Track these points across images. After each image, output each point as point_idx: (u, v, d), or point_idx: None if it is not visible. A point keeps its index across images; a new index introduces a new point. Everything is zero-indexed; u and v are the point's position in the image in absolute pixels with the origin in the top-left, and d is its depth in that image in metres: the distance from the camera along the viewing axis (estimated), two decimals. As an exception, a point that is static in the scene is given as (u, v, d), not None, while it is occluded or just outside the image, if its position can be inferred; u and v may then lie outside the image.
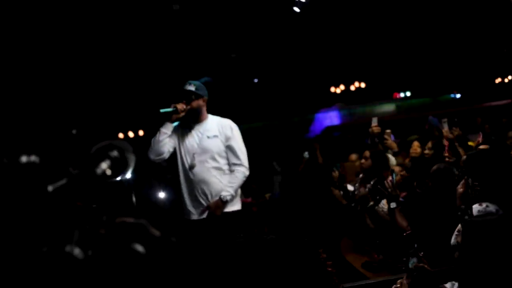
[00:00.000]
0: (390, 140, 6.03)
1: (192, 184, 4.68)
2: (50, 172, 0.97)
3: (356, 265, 5.07)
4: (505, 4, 10.34)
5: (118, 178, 1.09)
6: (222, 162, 4.74)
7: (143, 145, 4.93)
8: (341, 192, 6.86)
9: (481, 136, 6.11)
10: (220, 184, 4.66)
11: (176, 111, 4.68)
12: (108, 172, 1.02)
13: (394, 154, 6.36)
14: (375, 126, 6.10)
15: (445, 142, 5.95)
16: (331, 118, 18.58)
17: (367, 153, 6.24)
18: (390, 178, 4.59)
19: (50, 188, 0.94)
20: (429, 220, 4.19)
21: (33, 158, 0.94)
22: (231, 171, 4.77)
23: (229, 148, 4.74)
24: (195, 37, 12.41)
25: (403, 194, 5.10)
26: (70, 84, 10.70)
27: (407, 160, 6.46)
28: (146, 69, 13.14)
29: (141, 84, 13.67)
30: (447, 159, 5.60)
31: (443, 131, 6.02)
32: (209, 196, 4.64)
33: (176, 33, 11.97)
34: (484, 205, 3.37)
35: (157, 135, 4.69)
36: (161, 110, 4.66)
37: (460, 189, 3.49)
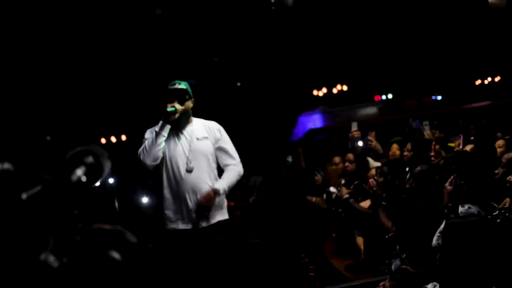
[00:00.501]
0: (375, 141, 6.03)
1: (182, 190, 4.39)
2: (24, 179, 0.95)
3: (339, 268, 5.08)
4: (484, 7, 10.45)
5: (98, 184, 1.08)
6: (214, 166, 4.58)
7: (126, 150, 4.83)
8: (324, 196, 6.87)
9: (461, 139, 6.15)
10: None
11: (174, 112, 4.46)
12: (83, 178, 1.00)
13: (378, 156, 6.37)
14: (355, 131, 6.09)
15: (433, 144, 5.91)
16: (314, 121, 18.63)
17: (350, 156, 6.25)
18: (373, 177, 4.60)
19: (24, 195, 0.92)
20: (412, 221, 4.20)
21: (6, 165, 0.93)
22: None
23: (221, 150, 4.59)
24: (176, 41, 12.36)
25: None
26: (47, 88, 10.55)
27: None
28: (127, 73, 13.06)
29: (123, 88, 13.58)
30: (433, 159, 5.59)
31: (425, 133, 6.03)
32: (195, 203, 4.38)
33: (157, 37, 11.92)
34: (466, 206, 3.41)
35: (156, 138, 4.39)
36: (168, 109, 4.44)
37: (448, 186, 3.51)
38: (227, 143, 4.65)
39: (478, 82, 23.03)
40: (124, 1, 10.47)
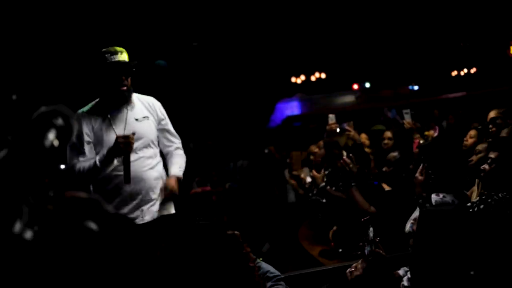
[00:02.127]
0: (353, 131, 5.96)
1: (120, 183, 3.47)
2: None
3: (313, 253, 5.12)
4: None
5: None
6: (156, 151, 3.72)
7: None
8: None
9: (437, 130, 6.18)
10: (153, 181, 3.61)
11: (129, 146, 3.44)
12: (56, 143, 0.91)
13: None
14: (333, 124, 5.92)
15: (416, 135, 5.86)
16: (291, 108, 18.68)
17: (321, 143, 6.22)
18: (345, 157, 4.54)
19: None
20: (384, 207, 4.23)
21: None
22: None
23: (165, 131, 3.77)
24: (156, 26, 12.25)
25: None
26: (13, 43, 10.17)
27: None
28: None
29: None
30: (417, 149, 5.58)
31: (405, 122, 5.96)
32: (141, 196, 3.54)
33: (134, 21, 11.79)
34: (441, 195, 3.45)
35: (94, 171, 3.41)
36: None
37: (419, 177, 3.52)
38: (169, 122, 3.83)
39: (455, 73, 23.32)
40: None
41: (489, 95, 13.61)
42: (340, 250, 4.85)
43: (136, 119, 3.60)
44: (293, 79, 20.84)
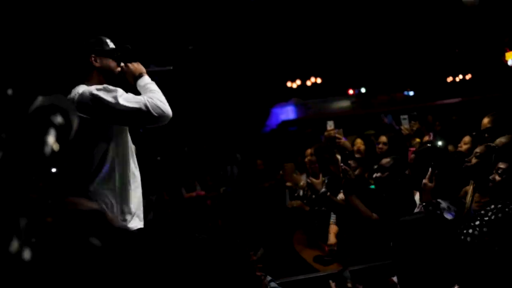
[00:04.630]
0: (343, 140, 5.90)
1: (137, 182, 3.28)
2: None
3: (307, 259, 5.11)
4: (457, 5, 10.58)
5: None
6: None
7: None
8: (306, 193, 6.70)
9: (431, 136, 6.15)
10: None
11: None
12: (56, 147, 0.80)
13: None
14: (332, 130, 5.84)
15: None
16: (287, 112, 18.67)
17: (310, 151, 6.13)
18: (341, 164, 4.49)
19: None
20: (387, 212, 4.20)
21: None
22: None
23: None
24: (152, 29, 12.24)
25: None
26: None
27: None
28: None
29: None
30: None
31: (403, 127, 5.92)
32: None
33: (134, 24, 11.77)
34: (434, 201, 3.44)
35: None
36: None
37: (429, 183, 3.48)
38: None
39: (450, 79, 23.40)
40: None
41: (484, 101, 13.66)
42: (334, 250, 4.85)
43: None
44: (289, 84, 20.85)
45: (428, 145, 4.79)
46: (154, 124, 3.04)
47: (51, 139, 0.80)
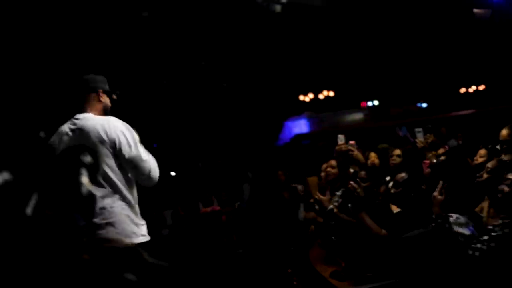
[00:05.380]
0: (356, 151, 5.87)
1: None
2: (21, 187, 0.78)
3: (324, 275, 5.09)
4: (470, 17, 10.57)
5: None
6: None
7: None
8: (317, 207, 6.67)
9: (447, 148, 6.12)
10: None
11: None
12: (90, 186, 0.86)
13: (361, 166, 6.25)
14: (343, 144, 5.81)
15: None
16: (300, 126, 18.67)
17: (333, 162, 6.13)
18: (351, 181, 4.49)
19: (28, 210, 0.78)
20: (397, 228, 4.19)
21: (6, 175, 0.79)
22: None
23: None
24: (164, 45, 12.34)
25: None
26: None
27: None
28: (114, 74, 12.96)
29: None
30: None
31: (417, 140, 5.89)
32: None
33: (145, 40, 11.88)
34: (454, 216, 3.42)
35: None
36: None
37: (439, 196, 3.47)
38: None
39: (463, 90, 23.28)
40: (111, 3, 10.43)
41: (498, 112, 13.54)
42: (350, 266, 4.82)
43: None
44: (301, 97, 20.88)
45: (443, 157, 4.77)
46: (147, 180, 3.19)
47: (85, 179, 0.84)
